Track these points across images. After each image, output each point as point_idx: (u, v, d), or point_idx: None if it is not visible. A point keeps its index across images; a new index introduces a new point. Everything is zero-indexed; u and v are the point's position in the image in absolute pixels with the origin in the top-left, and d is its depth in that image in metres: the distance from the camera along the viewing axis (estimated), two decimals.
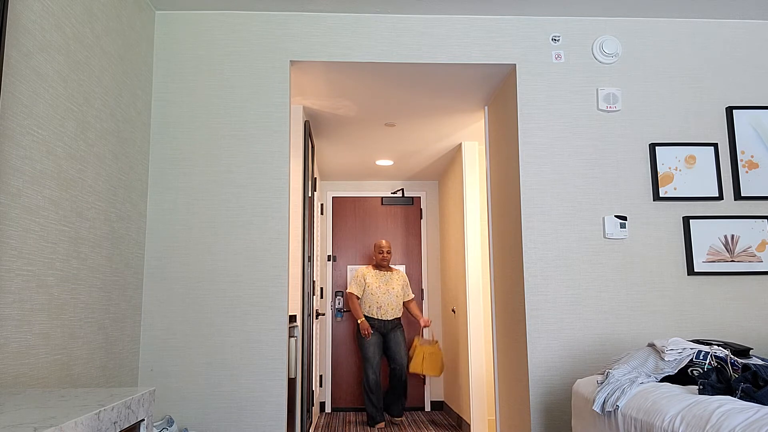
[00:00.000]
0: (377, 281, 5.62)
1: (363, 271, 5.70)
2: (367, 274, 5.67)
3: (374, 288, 5.58)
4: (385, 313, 5.55)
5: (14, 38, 1.98)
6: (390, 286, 5.63)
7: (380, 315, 5.54)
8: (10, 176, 1.95)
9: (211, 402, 3.10)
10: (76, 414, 1.13)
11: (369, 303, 5.58)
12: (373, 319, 5.57)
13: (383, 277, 5.66)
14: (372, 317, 5.56)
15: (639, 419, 2.24)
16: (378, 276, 5.66)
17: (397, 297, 5.62)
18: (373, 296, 5.57)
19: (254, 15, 3.40)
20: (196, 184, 3.25)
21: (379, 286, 5.60)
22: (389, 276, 5.69)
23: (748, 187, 3.34)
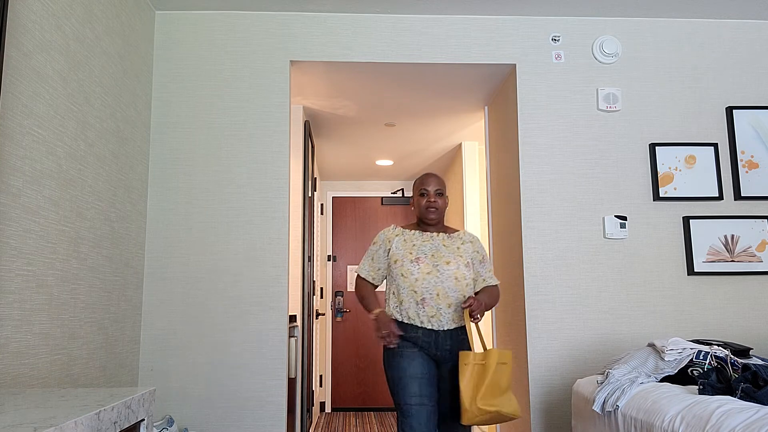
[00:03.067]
0: (416, 251, 2.64)
1: (389, 233, 2.74)
2: (395, 238, 2.71)
3: (409, 265, 2.60)
4: (437, 315, 2.55)
5: (14, 38, 1.98)
6: (444, 259, 2.61)
7: (425, 320, 2.55)
8: (10, 176, 1.95)
9: (211, 402, 3.10)
10: (76, 414, 1.13)
11: (401, 296, 2.60)
12: (411, 329, 2.56)
13: (429, 244, 2.67)
14: (409, 325, 2.56)
15: (639, 419, 2.24)
16: (418, 242, 2.68)
17: (458, 282, 2.59)
18: (407, 281, 2.58)
19: (254, 15, 3.40)
20: (196, 184, 3.25)
21: (418, 259, 2.61)
22: (441, 241, 2.69)
23: (748, 187, 3.34)
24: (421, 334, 2.54)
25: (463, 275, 2.60)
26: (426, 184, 2.69)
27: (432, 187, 2.70)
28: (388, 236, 2.73)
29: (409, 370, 2.49)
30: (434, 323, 2.54)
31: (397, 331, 2.53)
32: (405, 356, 2.51)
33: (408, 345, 2.54)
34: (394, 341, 2.51)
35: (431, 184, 2.70)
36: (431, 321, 2.54)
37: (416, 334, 2.54)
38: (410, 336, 2.54)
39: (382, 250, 2.73)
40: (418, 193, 2.71)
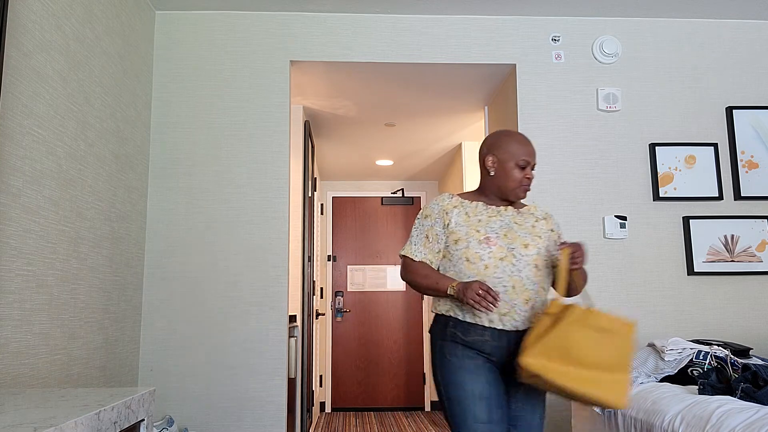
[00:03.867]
0: (484, 228, 2.02)
1: (445, 203, 2.08)
2: (453, 209, 2.07)
3: (477, 247, 1.99)
4: (510, 313, 1.96)
5: (14, 38, 1.98)
6: (521, 241, 2.01)
7: (495, 319, 1.96)
8: (10, 176, 1.95)
9: (211, 402, 3.10)
10: (76, 414, 1.13)
11: None
12: (474, 331, 1.96)
13: (498, 221, 2.05)
14: (473, 326, 1.97)
15: (639, 419, 2.24)
16: (484, 216, 2.06)
17: (539, 272, 2.01)
18: (474, 268, 1.98)
19: (254, 15, 3.40)
20: (196, 184, 3.25)
21: (488, 239, 1.99)
22: (512, 218, 2.08)
23: (748, 187, 3.34)
24: (488, 337, 1.92)
25: (545, 262, 2.02)
26: (529, 154, 2.04)
27: (533, 159, 2.06)
28: (444, 207, 2.05)
29: (473, 389, 1.89)
30: (506, 322, 1.93)
31: (495, 294, 1.82)
32: (466, 369, 1.91)
33: (469, 354, 1.93)
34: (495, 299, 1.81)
35: (533, 155, 2.07)
36: (503, 320, 1.93)
37: (482, 338, 1.92)
38: (473, 341, 1.93)
39: (439, 226, 2.03)
40: (515, 162, 2.02)
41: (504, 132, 2.08)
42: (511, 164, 2.03)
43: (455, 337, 1.94)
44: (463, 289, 1.87)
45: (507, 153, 2.04)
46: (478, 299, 1.82)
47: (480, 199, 2.10)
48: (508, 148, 2.04)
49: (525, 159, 2.03)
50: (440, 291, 1.95)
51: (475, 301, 1.82)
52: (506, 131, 2.07)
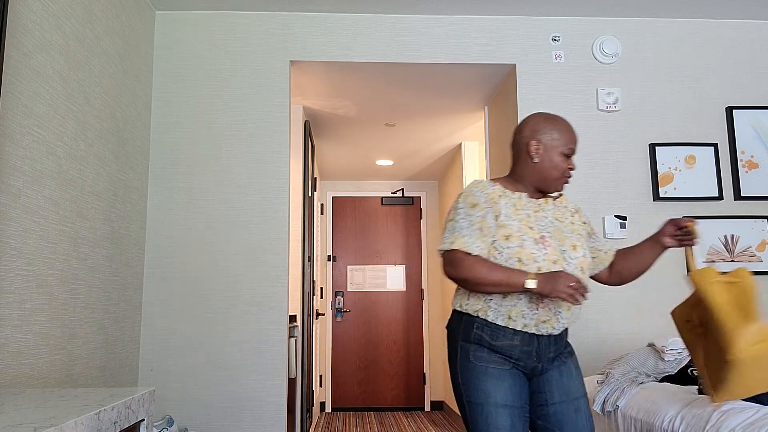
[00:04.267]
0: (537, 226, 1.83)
1: (490, 191, 1.84)
2: (500, 200, 1.83)
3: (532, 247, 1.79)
4: (551, 320, 1.80)
5: (14, 38, 1.98)
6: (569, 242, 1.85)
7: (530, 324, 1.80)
8: (10, 176, 1.95)
9: (211, 402, 3.10)
10: (76, 414, 1.13)
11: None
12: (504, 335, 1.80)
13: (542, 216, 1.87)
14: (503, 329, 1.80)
15: (639, 419, 2.24)
16: (530, 211, 1.86)
17: (584, 275, 1.86)
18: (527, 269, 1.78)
19: (254, 15, 3.40)
20: (196, 184, 3.25)
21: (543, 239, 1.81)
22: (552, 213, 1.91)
23: (748, 187, 3.34)
24: (518, 341, 1.78)
25: (588, 265, 1.86)
26: (574, 142, 1.88)
27: (576, 148, 1.91)
28: (491, 195, 1.82)
29: (496, 396, 1.76)
30: (543, 329, 1.79)
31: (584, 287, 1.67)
32: (490, 375, 1.78)
33: (495, 358, 1.79)
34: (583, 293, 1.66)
35: (577, 143, 1.92)
36: (540, 326, 1.78)
37: (511, 342, 1.78)
38: (501, 345, 1.78)
39: (491, 217, 1.80)
40: (559, 151, 1.85)
41: (548, 115, 1.89)
42: (556, 151, 1.85)
43: (481, 340, 1.79)
44: (549, 282, 1.68)
45: (553, 139, 1.85)
46: (571, 292, 1.65)
47: (518, 188, 1.90)
48: (555, 134, 1.85)
49: (571, 147, 1.87)
50: (514, 286, 1.72)
51: (568, 294, 1.65)
52: (549, 114, 1.89)
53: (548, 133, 1.86)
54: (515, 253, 1.76)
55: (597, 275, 2.01)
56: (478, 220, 1.79)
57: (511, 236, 1.77)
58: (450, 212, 1.85)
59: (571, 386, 1.83)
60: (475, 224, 1.79)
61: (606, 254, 1.98)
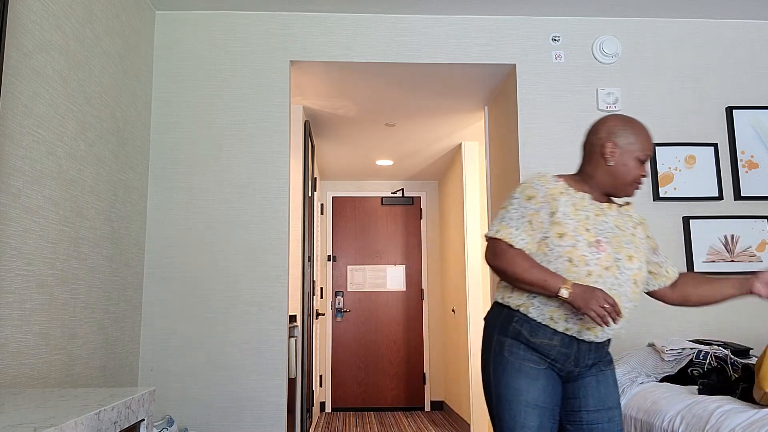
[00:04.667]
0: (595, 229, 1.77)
1: (551, 187, 1.80)
2: (560, 197, 1.79)
3: (586, 249, 1.73)
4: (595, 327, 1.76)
5: (14, 38, 1.98)
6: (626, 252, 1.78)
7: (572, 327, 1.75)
8: (10, 176, 1.95)
9: (211, 402, 3.10)
10: (76, 414, 1.13)
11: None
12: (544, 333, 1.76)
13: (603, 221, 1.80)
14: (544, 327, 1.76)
15: (639, 419, 2.24)
16: (591, 213, 1.80)
17: (636, 288, 1.79)
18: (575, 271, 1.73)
19: (254, 15, 3.40)
20: (196, 184, 3.25)
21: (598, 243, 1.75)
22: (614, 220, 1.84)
23: (748, 187, 3.34)
24: (557, 342, 1.74)
25: (643, 279, 1.80)
26: (651, 149, 1.83)
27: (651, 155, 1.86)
28: (551, 191, 1.78)
29: (528, 395, 1.72)
30: (586, 335, 1.74)
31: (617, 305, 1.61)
32: (524, 373, 1.74)
33: (531, 357, 1.75)
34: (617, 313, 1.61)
35: (652, 150, 1.87)
36: (582, 332, 1.74)
37: (550, 342, 1.74)
38: (539, 343, 1.74)
39: (545, 213, 1.76)
40: (634, 156, 1.80)
41: (626, 118, 1.84)
42: (632, 156, 1.80)
43: (519, 336, 1.75)
44: (584, 297, 1.62)
45: (630, 143, 1.80)
46: (602, 313, 1.59)
47: (584, 189, 1.85)
48: (631, 138, 1.80)
49: (647, 153, 1.81)
50: (548, 290, 1.67)
51: (598, 314, 1.59)
52: (627, 117, 1.84)
53: (625, 137, 1.81)
54: (566, 252, 1.71)
55: (657, 292, 1.96)
56: (531, 213, 1.76)
57: (565, 235, 1.72)
58: (505, 200, 1.81)
59: (607, 395, 1.80)
60: (526, 216, 1.76)
61: (667, 273, 1.93)
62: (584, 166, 1.88)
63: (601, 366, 1.83)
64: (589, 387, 1.80)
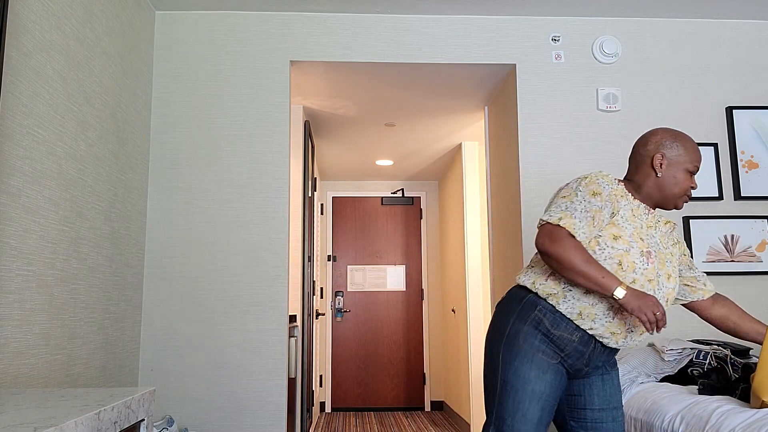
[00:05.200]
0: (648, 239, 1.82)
1: (615, 189, 1.80)
2: (622, 200, 1.81)
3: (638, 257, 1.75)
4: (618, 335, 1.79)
5: (14, 38, 1.98)
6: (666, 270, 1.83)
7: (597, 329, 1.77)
8: (10, 176, 1.95)
9: (211, 402, 3.10)
10: (76, 414, 1.13)
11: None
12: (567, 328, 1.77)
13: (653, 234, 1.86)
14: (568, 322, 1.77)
15: (639, 419, 2.24)
16: (644, 223, 1.84)
17: (666, 305, 1.85)
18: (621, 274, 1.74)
19: (254, 15, 3.40)
20: (196, 184, 3.25)
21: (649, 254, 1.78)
22: (660, 236, 1.89)
23: (748, 187, 3.34)
24: (576, 339, 1.76)
25: (673, 299, 1.86)
26: (699, 161, 1.85)
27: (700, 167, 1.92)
28: (615, 192, 1.79)
29: (535, 385, 1.73)
30: (606, 338, 1.77)
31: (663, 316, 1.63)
32: (535, 364, 1.74)
33: (545, 349, 1.75)
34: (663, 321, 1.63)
35: (701, 161, 1.88)
36: (606, 337, 1.76)
37: (570, 336, 1.75)
38: (559, 336, 1.75)
39: (607, 210, 1.76)
40: (683, 168, 1.82)
41: (675, 131, 1.87)
42: (681, 168, 1.82)
43: (539, 325, 1.75)
44: (638, 301, 1.63)
45: (679, 155, 1.82)
46: (653, 319, 1.62)
47: (638, 198, 1.86)
48: (680, 150, 1.83)
49: (696, 165, 1.83)
50: (602, 287, 1.65)
51: (649, 320, 1.62)
52: (676, 131, 1.87)
53: (674, 149, 1.83)
54: (618, 255, 1.72)
55: (695, 305, 1.99)
56: (595, 209, 1.74)
57: (621, 238, 1.73)
58: (564, 190, 1.80)
59: (612, 395, 1.85)
60: (590, 212, 1.73)
61: (704, 287, 1.96)
62: (633, 176, 1.89)
63: (606, 367, 1.87)
64: (594, 386, 1.84)
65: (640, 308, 1.62)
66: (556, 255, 1.69)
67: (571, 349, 1.76)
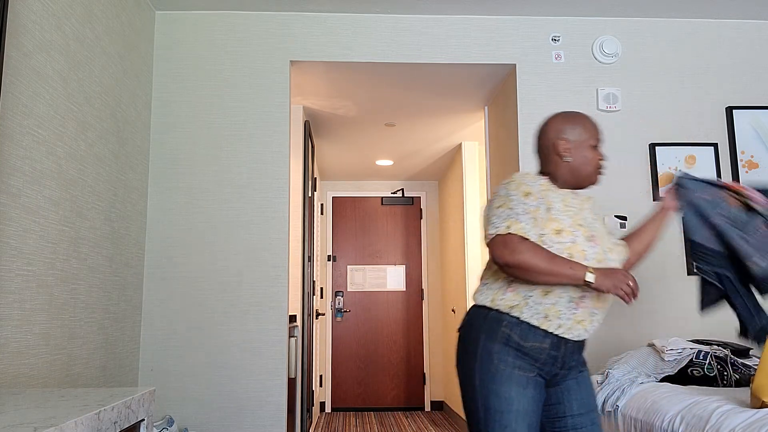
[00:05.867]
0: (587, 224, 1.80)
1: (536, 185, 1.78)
2: (549, 193, 1.79)
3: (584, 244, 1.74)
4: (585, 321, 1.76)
5: (14, 38, 1.98)
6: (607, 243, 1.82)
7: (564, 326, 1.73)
8: (10, 176, 1.95)
9: (211, 402, 3.10)
10: (76, 414, 1.13)
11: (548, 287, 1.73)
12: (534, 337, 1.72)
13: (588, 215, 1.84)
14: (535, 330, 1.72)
15: (639, 419, 2.24)
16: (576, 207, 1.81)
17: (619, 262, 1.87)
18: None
19: (254, 15, 3.40)
20: (196, 184, 3.25)
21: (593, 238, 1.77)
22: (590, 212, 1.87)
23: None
24: (548, 344, 1.72)
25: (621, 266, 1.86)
26: (599, 132, 1.87)
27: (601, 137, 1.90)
28: (543, 188, 1.78)
29: (519, 405, 1.68)
30: (576, 331, 1.73)
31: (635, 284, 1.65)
32: (515, 381, 1.69)
33: (521, 364, 1.71)
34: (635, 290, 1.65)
35: (601, 132, 1.91)
36: (573, 329, 1.73)
37: (541, 345, 1.71)
38: (530, 347, 1.71)
39: (543, 208, 1.74)
40: (587, 145, 1.84)
41: (567, 113, 1.89)
42: (585, 146, 1.84)
43: (509, 341, 1.70)
44: (609, 278, 1.63)
45: (581, 134, 1.84)
46: (629, 291, 1.62)
47: (560, 186, 1.87)
48: (581, 129, 1.85)
49: (598, 138, 1.86)
50: (574, 278, 1.64)
51: (625, 293, 1.62)
52: (568, 112, 1.89)
53: (574, 131, 1.85)
54: (566, 248, 1.70)
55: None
56: (533, 209, 1.72)
57: (563, 231, 1.71)
58: (497, 200, 1.77)
59: (588, 398, 1.81)
60: (529, 213, 1.72)
61: (624, 246, 1.92)
62: (546, 168, 1.90)
63: (579, 368, 1.83)
64: (571, 391, 1.80)
65: (614, 285, 1.63)
66: (518, 263, 1.66)
67: (545, 357, 1.72)
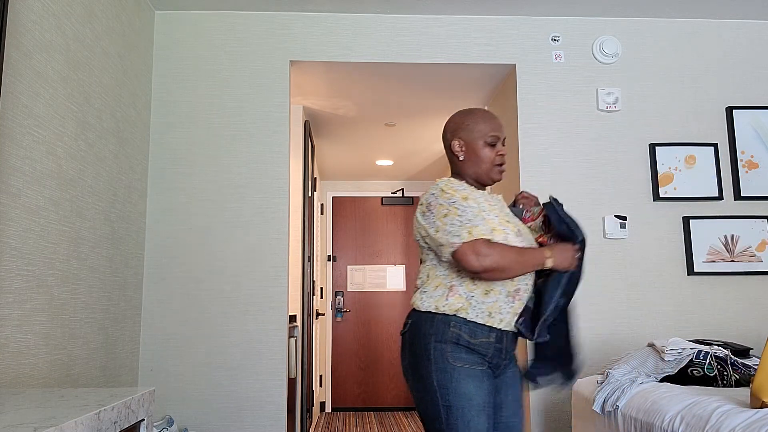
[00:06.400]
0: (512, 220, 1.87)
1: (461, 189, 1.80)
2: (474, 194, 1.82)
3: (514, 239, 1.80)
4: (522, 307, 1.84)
5: (14, 38, 1.98)
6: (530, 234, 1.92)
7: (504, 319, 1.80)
8: (10, 176, 1.95)
9: (211, 402, 3.10)
10: (76, 414, 1.13)
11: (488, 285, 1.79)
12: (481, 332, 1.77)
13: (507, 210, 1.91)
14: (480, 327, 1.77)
15: (639, 419, 2.24)
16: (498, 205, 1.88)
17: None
18: None
19: (254, 15, 3.40)
20: (196, 184, 3.25)
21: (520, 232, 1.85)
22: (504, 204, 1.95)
23: (748, 187, 3.34)
24: (494, 338, 1.77)
25: None
26: (496, 129, 1.86)
27: (503, 133, 1.88)
28: (469, 191, 1.80)
29: (478, 399, 1.71)
30: (513, 322, 1.80)
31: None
32: (472, 377, 1.72)
33: (474, 359, 1.75)
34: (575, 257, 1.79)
35: (501, 128, 1.88)
36: (511, 322, 1.79)
37: (488, 340, 1.76)
38: (478, 344, 1.75)
39: (480, 209, 1.77)
40: (485, 141, 1.85)
41: (464, 111, 1.91)
42: (479, 144, 1.85)
43: (459, 339, 1.73)
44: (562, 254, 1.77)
45: (473, 132, 1.86)
46: (578, 256, 1.79)
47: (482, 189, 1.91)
48: (473, 127, 1.86)
49: (493, 135, 1.85)
50: (540, 264, 1.75)
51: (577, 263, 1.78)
52: (466, 109, 1.90)
53: (467, 129, 1.87)
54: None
55: None
56: (476, 211, 1.75)
57: (495, 229, 1.75)
58: (437, 208, 1.77)
59: (520, 391, 1.88)
60: (478, 216, 1.74)
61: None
62: (455, 170, 1.92)
63: (513, 361, 1.90)
64: (509, 382, 1.86)
65: (570, 262, 1.77)
66: (492, 266, 1.68)
67: (492, 350, 1.77)
